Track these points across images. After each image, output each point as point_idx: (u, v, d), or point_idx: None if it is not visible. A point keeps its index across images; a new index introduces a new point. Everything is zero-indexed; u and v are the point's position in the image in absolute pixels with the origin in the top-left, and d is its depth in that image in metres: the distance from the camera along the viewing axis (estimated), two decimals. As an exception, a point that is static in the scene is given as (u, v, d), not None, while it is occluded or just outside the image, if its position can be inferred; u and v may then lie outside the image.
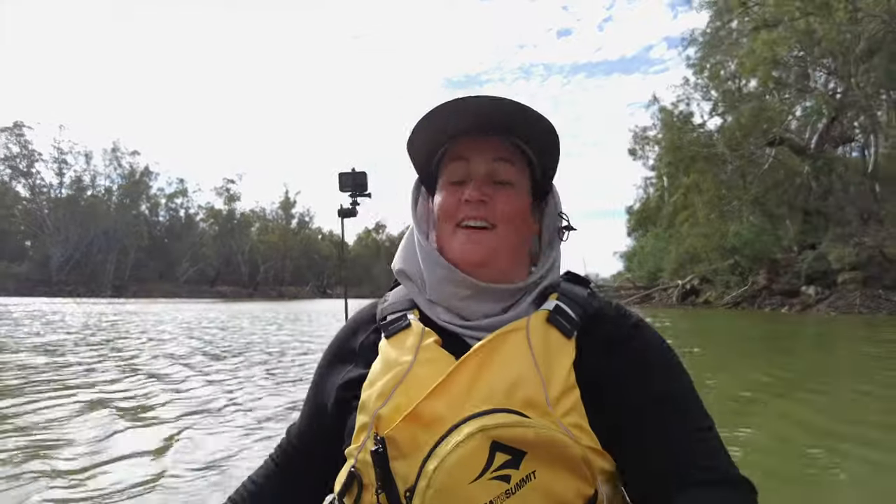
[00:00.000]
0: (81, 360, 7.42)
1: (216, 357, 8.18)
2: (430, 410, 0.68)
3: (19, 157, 65.02)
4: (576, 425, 0.67)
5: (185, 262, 71.17)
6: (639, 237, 48.17)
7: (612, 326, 0.78)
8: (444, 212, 0.83)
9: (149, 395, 5.25)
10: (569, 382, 0.70)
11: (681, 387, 0.75)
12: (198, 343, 10.18)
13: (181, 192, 76.49)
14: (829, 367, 7.71)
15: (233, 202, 78.09)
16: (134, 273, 67.23)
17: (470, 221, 0.81)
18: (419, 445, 0.67)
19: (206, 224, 78.28)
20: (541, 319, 0.76)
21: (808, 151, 23.90)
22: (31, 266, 60.34)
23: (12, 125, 64.07)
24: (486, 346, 0.73)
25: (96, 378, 6.10)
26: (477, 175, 0.82)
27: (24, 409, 4.56)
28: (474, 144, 0.83)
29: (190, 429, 4.00)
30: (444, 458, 0.63)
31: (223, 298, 56.66)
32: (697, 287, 30.50)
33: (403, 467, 0.67)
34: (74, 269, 62.86)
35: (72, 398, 4.95)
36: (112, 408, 4.61)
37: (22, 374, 6.24)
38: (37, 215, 64.81)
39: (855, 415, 4.57)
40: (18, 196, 66.41)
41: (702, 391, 0.74)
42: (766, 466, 3.24)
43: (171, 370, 6.80)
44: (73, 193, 66.95)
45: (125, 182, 70.62)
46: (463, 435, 0.64)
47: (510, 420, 0.65)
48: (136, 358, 7.86)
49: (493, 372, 0.70)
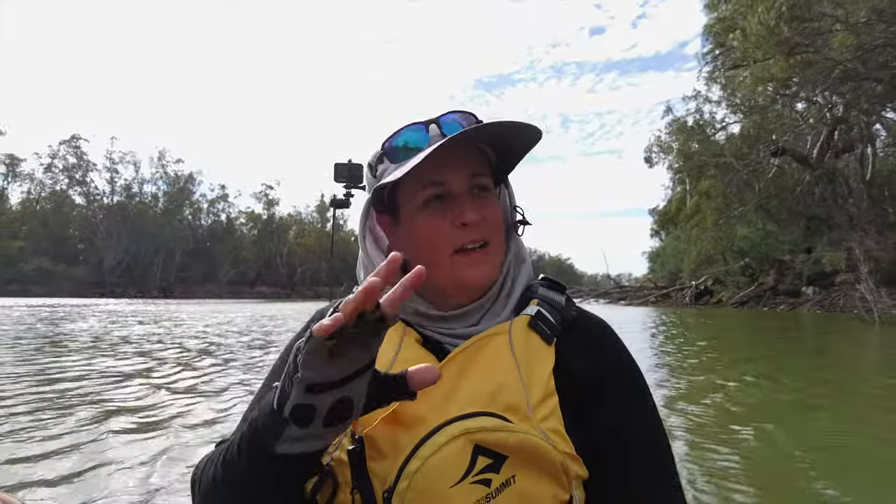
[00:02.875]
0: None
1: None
2: (411, 411, 0.67)
3: (76, 167, 68.81)
4: (554, 430, 0.67)
5: (226, 265, 73.64)
6: (663, 238, 49.37)
7: (586, 335, 0.79)
8: (432, 241, 0.76)
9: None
10: (548, 388, 0.70)
11: (651, 412, 0.77)
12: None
13: (222, 198, 79.36)
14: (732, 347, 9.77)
15: (271, 207, 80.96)
16: (179, 275, 69.74)
17: (469, 245, 0.77)
18: (399, 446, 0.65)
19: (245, 228, 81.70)
20: (522, 324, 0.75)
21: (810, 161, 25.38)
22: (86, 269, 62.90)
23: (70, 137, 68.05)
24: (469, 348, 0.72)
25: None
26: (459, 193, 0.77)
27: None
28: (447, 164, 0.76)
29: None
30: (427, 460, 0.62)
31: (263, 299, 58.25)
32: (710, 288, 32.12)
33: (382, 467, 0.65)
34: (125, 271, 65.64)
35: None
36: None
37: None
38: (91, 221, 68.05)
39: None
40: (74, 203, 70.08)
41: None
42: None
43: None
44: (123, 200, 70.29)
45: (170, 189, 73.75)
46: (446, 437, 0.63)
47: (493, 424, 0.64)
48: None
49: (475, 375, 0.70)
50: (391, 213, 0.82)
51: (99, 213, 69.13)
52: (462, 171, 0.78)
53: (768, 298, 25.69)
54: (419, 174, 0.75)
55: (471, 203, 0.77)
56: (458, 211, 0.76)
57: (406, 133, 0.80)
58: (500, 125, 0.73)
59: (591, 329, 0.80)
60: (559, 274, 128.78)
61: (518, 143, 0.79)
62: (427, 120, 0.81)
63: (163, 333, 12.57)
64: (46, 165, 67.48)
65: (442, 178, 0.77)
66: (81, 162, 69.29)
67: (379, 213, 0.85)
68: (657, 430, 0.76)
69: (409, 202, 0.79)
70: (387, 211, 0.83)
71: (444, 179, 0.77)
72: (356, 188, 6.05)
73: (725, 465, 3.40)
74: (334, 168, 5.83)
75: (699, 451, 3.70)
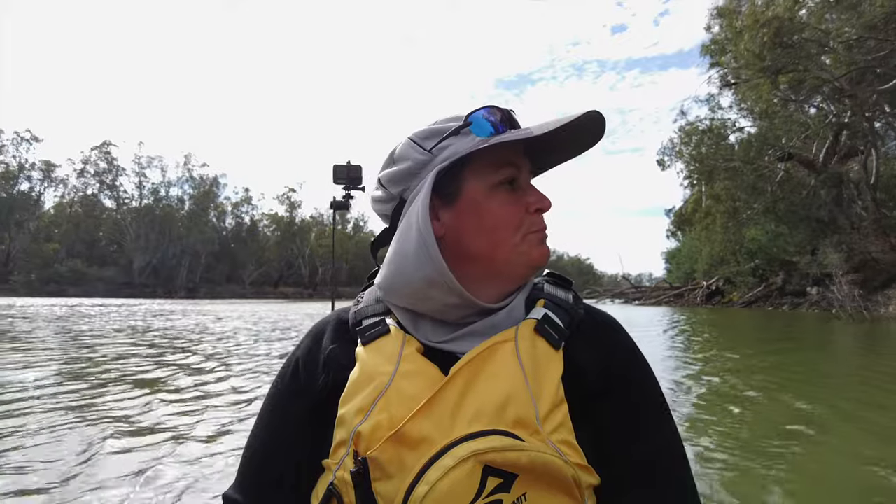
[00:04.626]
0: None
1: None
2: (416, 431, 0.64)
3: (106, 172, 71.34)
4: (564, 442, 0.65)
5: (250, 266, 75.38)
6: (680, 239, 49.97)
7: (596, 335, 0.76)
8: (508, 221, 0.76)
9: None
10: (558, 397, 0.67)
11: (664, 414, 0.75)
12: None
13: (246, 201, 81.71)
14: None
15: (294, 209, 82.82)
16: (204, 276, 71.56)
17: (539, 231, 0.78)
18: (406, 467, 0.63)
19: (268, 230, 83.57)
20: (529, 329, 0.72)
21: (817, 165, 26.20)
22: (117, 270, 64.94)
23: (100, 143, 71.00)
24: (474, 360, 0.69)
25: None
26: (525, 182, 0.79)
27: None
28: (521, 153, 0.79)
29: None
30: (435, 485, 0.60)
31: (286, 299, 59.59)
32: (722, 288, 32.99)
33: (388, 488, 0.63)
34: (153, 272, 67.57)
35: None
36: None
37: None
38: (120, 224, 70.08)
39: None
40: (105, 207, 72.66)
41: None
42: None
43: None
44: (151, 203, 72.38)
45: (196, 192, 75.65)
46: (455, 459, 0.61)
47: (503, 444, 0.61)
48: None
49: (481, 388, 0.67)
50: (440, 192, 0.77)
51: (128, 215, 71.19)
52: (527, 162, 0.80)
53: (775, 298, 26.65)
54: (501, 153, 0.76)
55: (537, 192, 0.79)
56: (534, 197, 0.78)
57: (489, 112, 0.76)
58: (595, 112, 0.73)
59: (600, 328, 0.78)
60: (579, 274, 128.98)
61: (573, 150, 0.82)
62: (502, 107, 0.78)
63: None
64: (79, 170, 70.21)
65: (518, 162, 0.78)
66: (111, 167, 71.67)
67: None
68: (671, 432, 0.74)
69: (481, 180, 0.76)
70: (433, 190, 0.76)
71: (520, 165, 0.78)
72: (356, 190, 6.06)
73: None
74: (333, 170, 5.87)
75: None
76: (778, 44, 17.68)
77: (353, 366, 0.74)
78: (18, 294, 51.50)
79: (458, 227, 0.77)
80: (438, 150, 0.77)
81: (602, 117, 0.74)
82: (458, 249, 0.77)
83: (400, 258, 0.76)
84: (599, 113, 0.73)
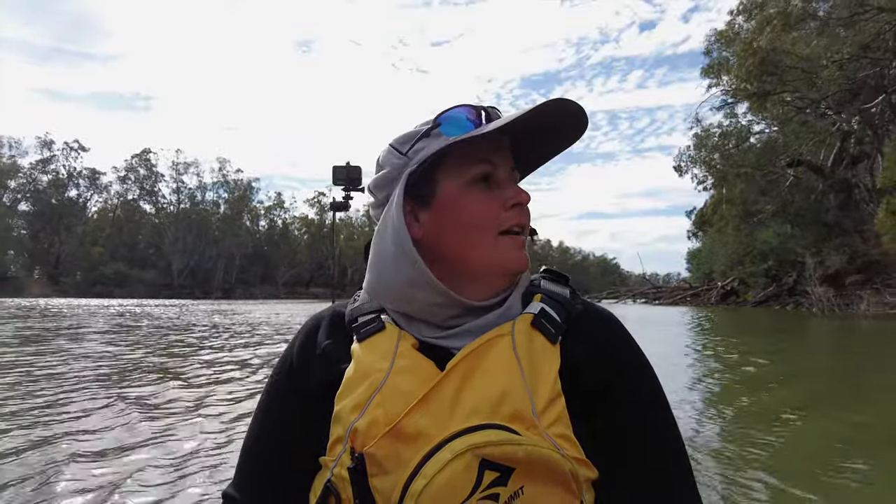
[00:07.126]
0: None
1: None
2: (413, 426, 0.65)
3: (146, 178, 74.50)
4: (562, 435, 0.65)
5: (282, 267, 77.78)
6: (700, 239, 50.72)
7: (593, 330, 0.76)
8: (480, 219, 0.74)
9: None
10: (555, 391, 0.67)
11: (662, 407, 0.75)
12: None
13: (278, 205, 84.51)
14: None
15: (324, 212, 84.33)
16: (239, 277, 74.00)
17: (516, 228, 0.76)
18: (402, 462, 0.63)
19: (300, 232, 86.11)
20: (525, 324, 0.72)
21: (825, 171, 27.33)
22: (156, 272, 68.03)
23: (140, 151, 74.10)
24: (470, 355, 0.69)
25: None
26: (502, 178, 0.77)
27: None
28: (497, 148, 0.77)
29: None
30: (433, 479, 0.60)
31: (317, 299, 61.16)
32: (736, 288, 34.12)
33: (385, 484, 0.63)
34: (191, 274, 70.42)
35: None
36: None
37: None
38: (159, 228, 73.46)
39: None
40: (145, 212, 75.91)
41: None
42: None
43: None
44: (188, 208, 75.33)
45: (231, 196, 78.28)
46: (451, 454, 0.61)
47: (499, 437, 0.62)
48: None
49: (478, 383, 0.67)
50: (417, 194, 0.77)
51: (166, 220, 74.06)
52: (507, 157, 0.77)
53: (783, 298, 27.93)
54: (472, 150, 0.74)
55: (515, 187, 0.77)
56: (511, 192, 0.76)
57: (463, 109, 0.76)
58: (565, 101, 0.70)
59: (597, 324, 0.77)
60: (604, 274, 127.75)
61: (555, 145, 0.80)
62: (477, 105, 0.77)
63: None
64: (122, 177, 73.57)
65: (493, 159, 0.76)
66: (150, 173, 74.75)
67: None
68: (670, 426, 0.73)
69: (454, 178, 0.75)
70: (409, 193, 0.77)
71: (496, 161, 0.76)
72: (355, 191, 5.94)
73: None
74: (332, 171, 5.69)
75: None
76: (764, 71, 19.05)
77: (348, 361, 0.74)
78: (69, 295, 54.14)
79: (437, 228, 0.76)
80: (413, 153, 0.76)
81: (578, 107, 0.72)
82: (439, 250, 0.76)
83: (379, 260, 0.77)
84: (572, 102, 0.71)
